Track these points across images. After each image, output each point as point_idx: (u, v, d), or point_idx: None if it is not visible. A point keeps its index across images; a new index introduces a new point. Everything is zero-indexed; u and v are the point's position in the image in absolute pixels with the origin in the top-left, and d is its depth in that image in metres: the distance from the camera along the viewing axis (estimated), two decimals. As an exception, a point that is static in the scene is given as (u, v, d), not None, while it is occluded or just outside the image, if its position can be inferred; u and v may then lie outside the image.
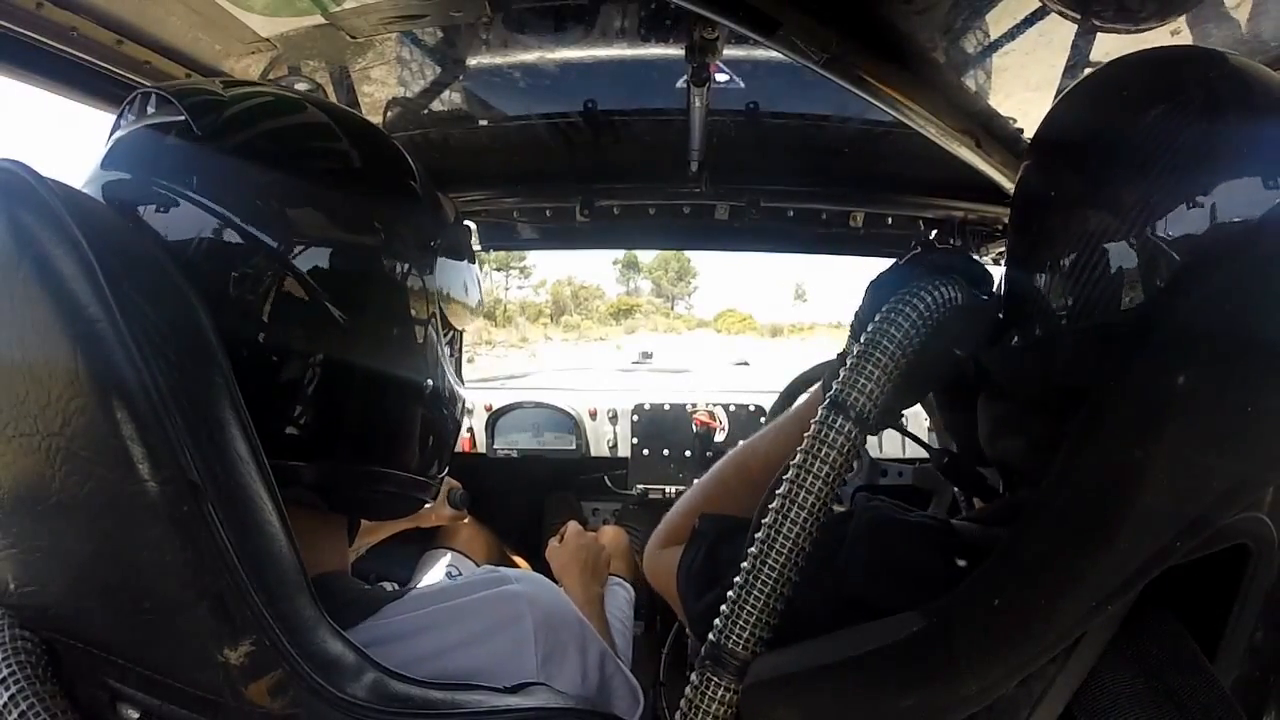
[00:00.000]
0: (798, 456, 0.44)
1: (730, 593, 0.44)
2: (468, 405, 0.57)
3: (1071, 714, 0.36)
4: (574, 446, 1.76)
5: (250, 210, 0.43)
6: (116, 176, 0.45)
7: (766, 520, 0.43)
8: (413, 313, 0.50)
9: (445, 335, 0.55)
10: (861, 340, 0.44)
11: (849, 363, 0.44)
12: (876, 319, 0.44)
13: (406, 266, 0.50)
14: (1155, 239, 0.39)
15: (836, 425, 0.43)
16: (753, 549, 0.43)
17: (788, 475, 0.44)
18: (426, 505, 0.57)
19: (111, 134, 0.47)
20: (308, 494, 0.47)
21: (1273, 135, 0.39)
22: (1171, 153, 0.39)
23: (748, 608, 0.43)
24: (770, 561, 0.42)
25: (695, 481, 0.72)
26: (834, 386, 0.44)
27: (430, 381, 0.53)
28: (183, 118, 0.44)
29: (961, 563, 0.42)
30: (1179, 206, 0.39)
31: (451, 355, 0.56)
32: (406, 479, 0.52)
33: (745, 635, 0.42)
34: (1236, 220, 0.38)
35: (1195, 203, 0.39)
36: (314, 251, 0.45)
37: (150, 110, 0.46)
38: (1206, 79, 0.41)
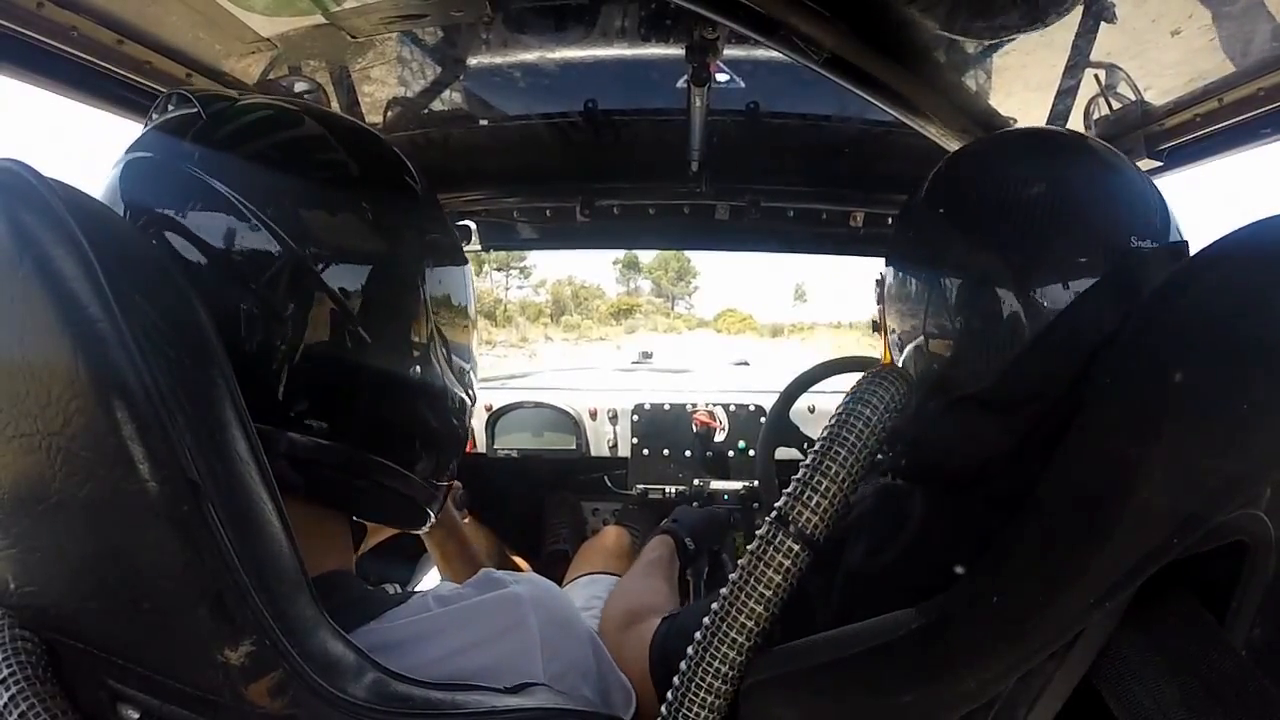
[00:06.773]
0: (736, 573, 0.40)
1: (669, 694, 0.42)
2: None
3: (1091, 685, 0.36)
4: (574, 446, 1.76)
5: (264, 212, 0.45)
6: (135, 178, 0.46)
7: (696, 637, 0.41)
8: (416, 314, 0.51)
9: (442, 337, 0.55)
10: (813, 450, 0.41)
11: (799, 474, 0.40)
12: (826, 428, 0.41)
13: (415, 267, 0.51)
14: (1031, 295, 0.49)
15: (779, 544, 0.39)
16: (682, 664, 0.41)
17: (723, 591, 0.41)
18: (429, 522, 0.57)
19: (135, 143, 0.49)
20: (312, 480, 0.47)
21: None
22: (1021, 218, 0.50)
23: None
24: (698, 682, 0.40)
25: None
26: (781, 498, 0.41)
27: (435, 382, 0.53)
28: (195, 109, 0.46)
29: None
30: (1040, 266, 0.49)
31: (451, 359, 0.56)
32: (413, 481, 0.52)
33: None
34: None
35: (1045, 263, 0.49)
36: (324, 253, 0.46)
37: (171, 108, 0.48)
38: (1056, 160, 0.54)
